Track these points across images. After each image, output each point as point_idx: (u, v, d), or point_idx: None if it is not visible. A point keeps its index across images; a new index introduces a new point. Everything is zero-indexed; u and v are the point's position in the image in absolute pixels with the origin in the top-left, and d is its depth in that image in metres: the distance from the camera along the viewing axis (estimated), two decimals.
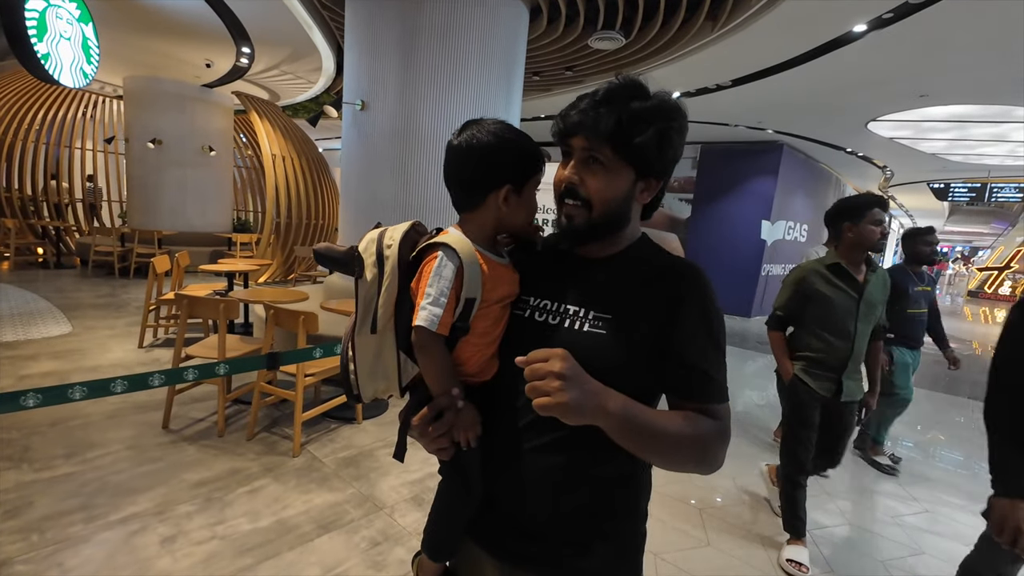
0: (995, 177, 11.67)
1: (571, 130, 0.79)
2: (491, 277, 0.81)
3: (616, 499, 0.82)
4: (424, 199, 4.35)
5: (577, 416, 0.67)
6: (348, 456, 2.85)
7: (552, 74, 6.73)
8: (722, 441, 0.77)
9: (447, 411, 0.80)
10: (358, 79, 4.52)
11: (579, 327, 0.79)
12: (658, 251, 0.86)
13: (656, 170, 0.81)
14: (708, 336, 0.78)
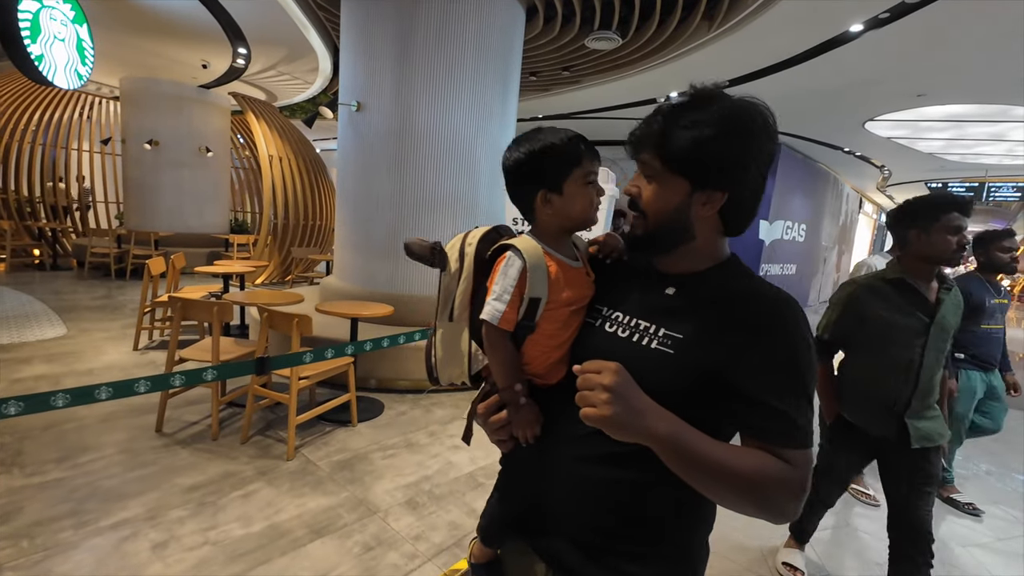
0: (992, 176, 11.67)
1: (632, 143, 0.81)
2: (559, 279, 0.83)
3: (667, 525, 0.79)
4: (420, 199, 4.33)
5: (620, 432, 0.67)
6: (343, 459, 2.83)
7: (549, 74, 6.71)
8: (791, 490, 0.70)
9: (509, 405, 0.82)
10: (354, 79, 4.51)
11: (647, 343, 0.78)
12: (748, 276, 0.80)
13: (714, 181, 0.75)
14: (789, 373, 0.72)
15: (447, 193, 4.37)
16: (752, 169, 0.76)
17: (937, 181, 12.51)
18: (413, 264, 4.42)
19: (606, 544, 0.80)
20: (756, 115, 0.75)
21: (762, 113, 0.76)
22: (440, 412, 3.62)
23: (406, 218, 4.35)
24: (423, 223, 4.36)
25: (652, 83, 6.73)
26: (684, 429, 0.69)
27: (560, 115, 9.20)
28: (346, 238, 4.73)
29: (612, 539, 0.80)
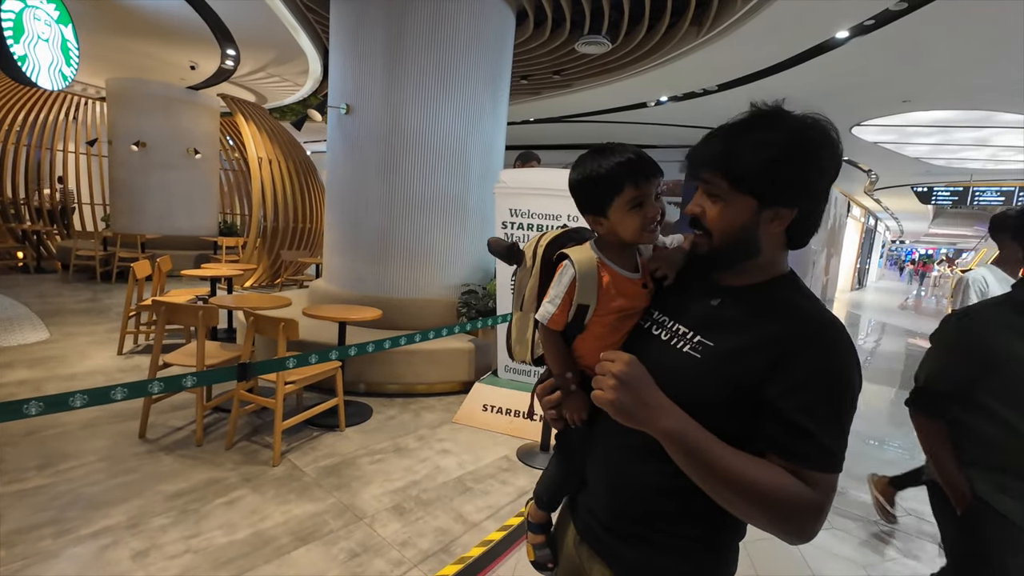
0: (977, 181, 11.85)
1: (693, 163, 0.82)
2: (610, 289, 0.89)
3: (691, 520, 0.81)
4: (410, 202, 4.31)
5: (624, 418, 0.73)
6: (330, 465, 2.81)
7: (540, 78, 6.74)
8: (810, 511, 0.69)
9: (561, 390, 0.92)
10: (343, 82, 4.49)
11: (680, 347, 0.81)
12: (800, 293, 0.80)
13: (784, 197, 0.76)
14: (824, 395, 0.71)
15: (437, 196, 4.36)
16: (820, 184, 0.77)
17: (923, 185, 12.69)
18: (402, 267, 4.40)
19: (633, 529, 0.84)
20: (822, 132, 0.76)
21: (827, 129, 0.76)
22: (430, 416, 3.60)
23: (396, 221, 4.33)
24: (413, 226, 4.35)
25: (642, 87, 6.77)
26: (694, 429, 0.71)
27: (551, 118, 9.23)
28: (335, 241, 4.70)
29: (638, 525, 0.84)
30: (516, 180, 3.55)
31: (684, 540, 0.81)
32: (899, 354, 8.01)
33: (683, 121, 8.58)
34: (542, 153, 4.54)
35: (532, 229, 3.56)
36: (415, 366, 3.95)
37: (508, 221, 3.61)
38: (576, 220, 3.45)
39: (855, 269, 20.48)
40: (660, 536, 0.82)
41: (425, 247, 4.40)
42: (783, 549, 2.36)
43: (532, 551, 1.07)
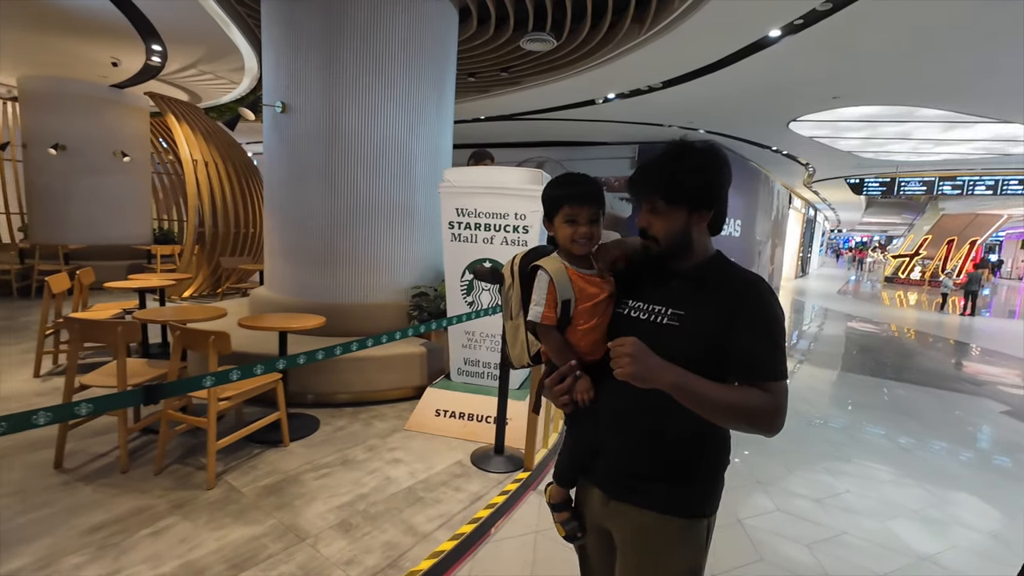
0: (902, 172, 12.68)
1: (635, 190, 1.09)
2: (578, 284, 1.12)
3: (698, 453, 1.06)
4: (355, 205, 4.16)
5: (641, 383, 0.95)
6: (271, 484, 2.66)
7: (488, 75, 6.67)
8: (773, 411, 0.98)
9: (568, 377, 1.09)
10: (277, 79, 4.28)
11: (659, 321, 1.06)
12: (727, 265, 1.10)
13: (704, 204, 1.06)
14: (766, 332, 1.00)
15: (383, 199, 4.23)
16: (725, 190, 1.09)
17: (855, 177, 13.46)
18: (349, 272, 4.24)
19: (654, 469, 1.06)
20: (720, 153, 1.06)
21: (722, 150, 1.07)
22: (381, 425, 3.48)
23: (340, 225, 4.17)
24: (359, 230, 4.20)
25: (590, 84, 6.82)
26: (689, 377, 0.97)
27: (502, 116, 9.19)
28: (276, 247, 4.48)
29: (658, 465, 1.06)
30: (461, 179, 3.48)
31: (689, 467, 1.06)
32: (840, 338, 8.45)
33: (631, 118, 8.73)
34: (496, 151, 4.48)
35: (480, 229, 3.50)
36: (365, 373, 3.82)
37: (455, 221, 3.53)
38: (523, 219, 3.41)
39: (798, 258, 21.55)
40: (674, 468, 1.06)
41: (372, 251, 4.26)
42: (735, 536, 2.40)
43: (561, 528, 1.24)
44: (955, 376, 6.35)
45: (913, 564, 2.39)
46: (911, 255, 20.54)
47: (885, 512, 2.85)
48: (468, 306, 3.61)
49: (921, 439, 4.03)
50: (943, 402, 5.14)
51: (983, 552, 2.53)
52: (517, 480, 2.82)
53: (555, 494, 1.25)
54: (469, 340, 3.66)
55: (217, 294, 7.28)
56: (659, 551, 1.07)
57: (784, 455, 3.49)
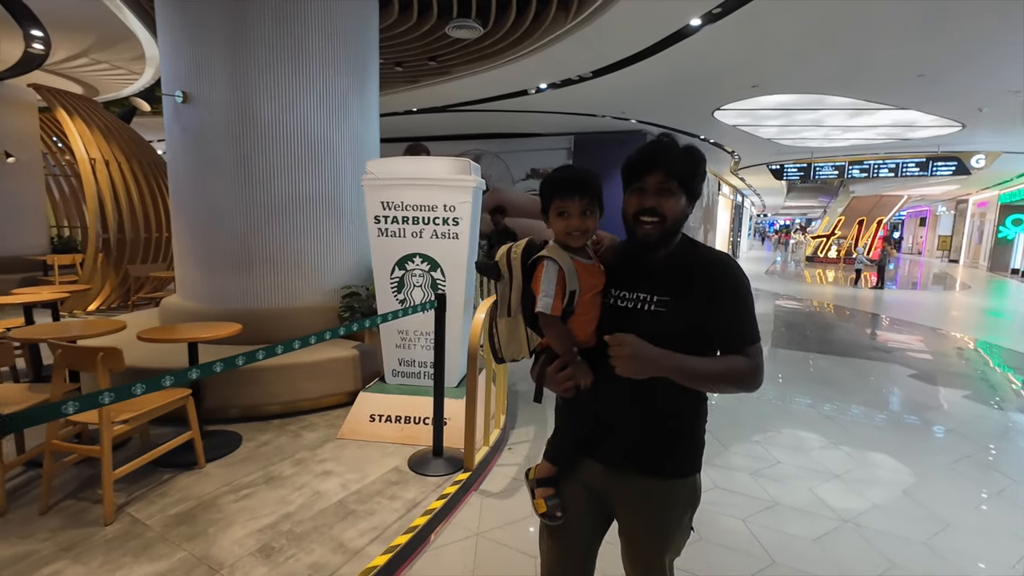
0: (817, 158, 13.57)
1: (648, 168, 1.12)
2: (583, 274, 1.16)
3: (685, 421, 1.19)
4: (274, 203, 3.87)
5: (643, 375, 1.05)
6: (182, 512, 2.40)
7: (416, 64, 6.45)
8: (755, 370, 1.11)
9: (570, 364, 1.16)
10: (176, 66, 3.90)
11: (646, 308, 1.14)
12: (698, 248, 1.20)
13: (695, 194, 1.17)
14: (740, 306, 1.13)
15: (305, 195, 3.96)
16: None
17: (776, 163, 14.28)
18: (270, 275, 3.96)
19: (655, 438, 1.18)
20: (699, 149, 1.16)
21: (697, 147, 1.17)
22: (311, 436, 3.26)
23: (257, 224, 3.87)
24: (278, 229, 3.91)
25: (522, 74, 6.76)
26: (683, 359, 1.07)
27: (435, 108, 8.96)
28: (187, 251, 4.11)
29: (647, 437, 1.18)
30: (386, 170, 3.30)
31: (681, 434, 1.19)
32: (769, 315, 8.92)
33: (566, 108, 8.76)
34: (432, 144, 4.31)
35: (408, 222, 3.34)
36: (293, 382, 3.57)
37: (381, 215, 3.35)
38: (452, 210, 3.29)
39: (729, 242, 22.70)
40: (668, 436, 1.18)
41: (295, 250, 3.98)
42: None
43: (543, 504, 1.26)
44: (869, 345, 6.86)
45: (838, 528, 2.50)
46: (828, 235, 22.14)
47: (813, 479, 2.98)
48: (399, 303, 3.45)
49: (842, 406, 4.29)
50: (859, 370, 5.51)
51: (899, 510, 2.69)
52: (457, 482, 2.71)
53: (543, 470, 1.29)
54: (403, 339, 3.50)
55: (128, 306, 6.64)
56: (662, 509, 1.20)
57: (722, 432, 3.60)
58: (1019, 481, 3.05)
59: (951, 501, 2.80)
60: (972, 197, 22.28)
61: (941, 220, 27.93)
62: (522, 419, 3.78)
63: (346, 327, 2.40)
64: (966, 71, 6.32)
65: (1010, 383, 5.31)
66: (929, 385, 5.03)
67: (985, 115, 8.40)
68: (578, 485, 1.26)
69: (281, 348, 1.89)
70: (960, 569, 2.21)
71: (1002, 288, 14.48)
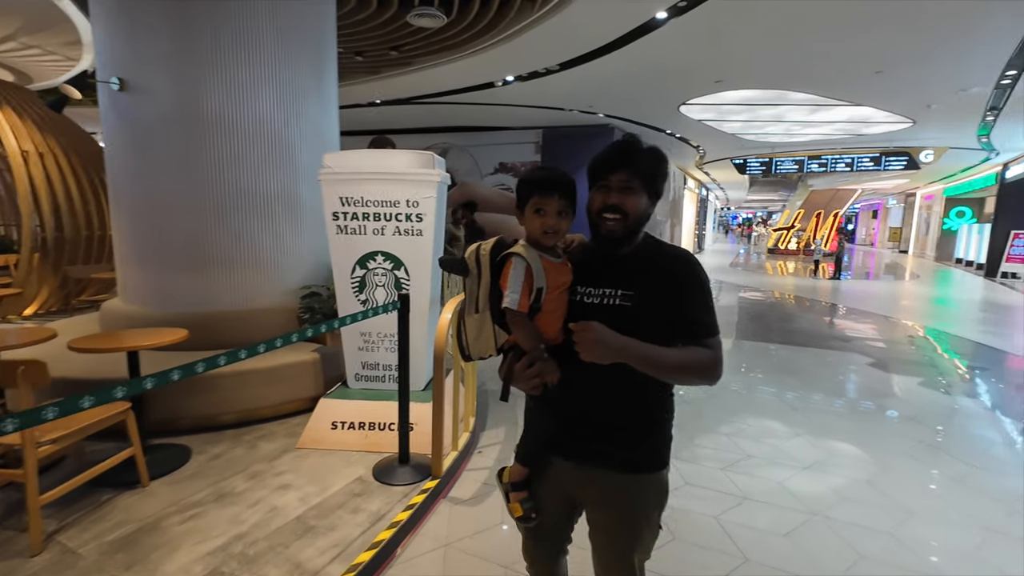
0: (778, 152, 13.93)
1: (613, 167, 1.15)
2: (551, 272, 1.16)
3: (652, 416, 1.21)
4: (222, 196, 3.63)
5: (606, 360, 1.06)
6: (121, 537, 2.20)
7: (377, 54, 6.21)
8: (715, 361, 1.13)
9: (537, 361, 1.14)
10: (112, 50, 3.60)
11: (612, 302, 1.16)
12: (660, 244, 1.23)
13: (658, 194, 1.21)
14: (701, 299, 1.16)
15: (259, 190, 3.73)
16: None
17: (739, 158, 14.58)
18: (223, 276, 3.72)
19: (617, 433, 1.19)
20: (663, 151, 1.19)
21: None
22: (268, 446, 3.08)
23: (207, 222, 3.62)
24: (231, 226, 3.68)
25: (488, 65, 6.62)
26: (647, 347, 1.08)
27: (399, 100, 8.72)
28: (129, 251, 3.82)
29: (620, 428, 1.19)
30: (344, 164, 3.12)
31: (650, 429, 1.21)
32: (734, 307, 9.10)
33: (533, 102, 8.66)
34: (397, 138, 4.12)
35: (369, 219, 3.17)
36: (249, 389, 3.36)
37: (340, 211, 3.17)
38: (415, 206, 3.14)
39: (695, 235, 23.15)
40: (636, 431, 1.20)
41: (249, 250, 3.75)
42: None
43: (519, 507, 1.29)
44: (830, 335, 7.06)
45: (807, 521, 2.51)
46: (788, 228, 22.85)
47: (781, 471, 3.00)
48: (361, 304, 3.29)
49: (806, 396, 4.37)
50: (821, 359, 5.66)
51: (865, 500, 2.73)
52: (424, 490, 2.59)
53: (516, 473, 1.31)
54: (366, 342, 3.34)
55: (69, 310, 6.20)
56: (631, 505, 1.22)
57: (689, 425, 3.60)
58: (973, 465, 3.15)
59: (912, 488, 2.86)
60: (920, 191, 23.41)
61: (892, 213, 29.27)
62: (492, 420, 3.69)
63: (299, 332, 2.24)
64: (919, 69, 6.54)
65: (957, 369, 5.55)
66: (886, 373, 5.19)
67: (934, 112, 8.76)
68: (551, 485, 1.28)
69: (224, 359, 1.72)
70: (925, 558, 2.24)
71: (947, 277, 15.26)
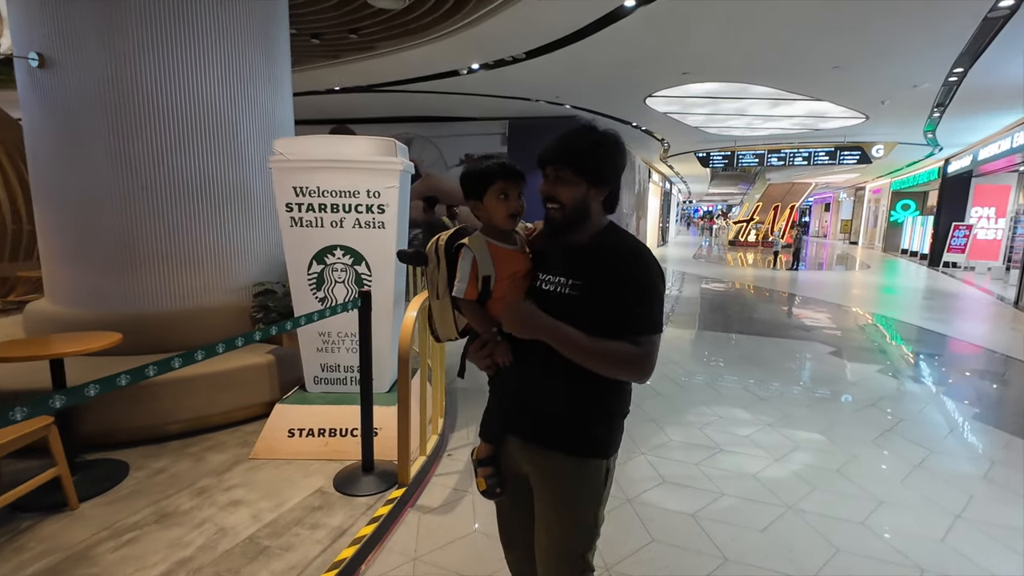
0: (740, 146, 14.23)
1: (545, 160, 1.18)
2: (500, 260, 1.23)
3: (597, 403, 1.21)
4: (160, 186, 3.32)
5: (524, 334, 1.14)
6: (45, 569, 1.95)
7: (335, 37, 5.89)
8: (641, 359, 1.11)
9: (489, 343, 1.25)
10: (29, 22, 3.22)
11: (562, 291, 1.18)
12: (617, 235, 1.21)
13: (601, 180, 1.18)
14: (638, 293, 1.12)
15: (204, 180, 3.44)
16: (619, 172, 1.21)
17: (703, 151, 14.83)
18: (164, 273, 3.42)
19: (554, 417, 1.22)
20: (618, 138, 1.18)
21: (619, 136, 1.18)
22: (218, 458, 2.84)
23: (143, 213, 3.31)
24: (171, 219, 3.37)
25: (453, 53, 6.39)
26: (567, 330, 1.11)
27: (360, 87, 8.37)
28: (55, 247, 3.46)
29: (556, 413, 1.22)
30: (297, 150, 2.88)
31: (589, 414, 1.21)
32: (696, 299, 9.23)
33: (499, 92, 8.48)
34: (359, 127, 3.89)
35: (326, 210, 2.95)
36: (197, 396, 3.10)
37: (294, 202, 2.94)
38: (376, 196, 2.94)
39: (659, 228, 23.52)
40: (575, 415, 1.20)
41: (195, 245, 3.46)
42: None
43: (483, 482, 1.33)
44: (791, 324, 7.24)
45: (783, 515, 2.48)
46: (748, 221, 23.52)
47: (755, 464, 2.99)
48: (319, 303, 3.07)
49: (772, 386, 4.41)
50: (783, 349, 5.77)
51: (836, 491, 2.74)
52: (390, 500, 2.43)
53: (482, 450, 1.36)
54: (325, 342, 3.13)
55: None
56: (565, 488, 1.23)
57: (659, 418, 3.56)
58: (933, 451, 3.24)
59: (880, 477, 2.90)
60: (869, 184, 24.53)
61: (843, 206, 30.59)
62: (462, 419, 3.55)
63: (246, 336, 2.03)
64: (874, 65, 6.72)
65: (907, 356, 5.77)
66: (844, 361, 5.34)
67: (887, 107, 9.08)
68: (508, 462, 1.34)
69: (153, 370, 1.51)
70: (897, 546, 2.25)
71: (894, 267, 16.04)
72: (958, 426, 3.69)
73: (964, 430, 3.64)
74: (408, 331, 2.48)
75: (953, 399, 4.26)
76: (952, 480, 2.88)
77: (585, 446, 1.21)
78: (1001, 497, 2.72)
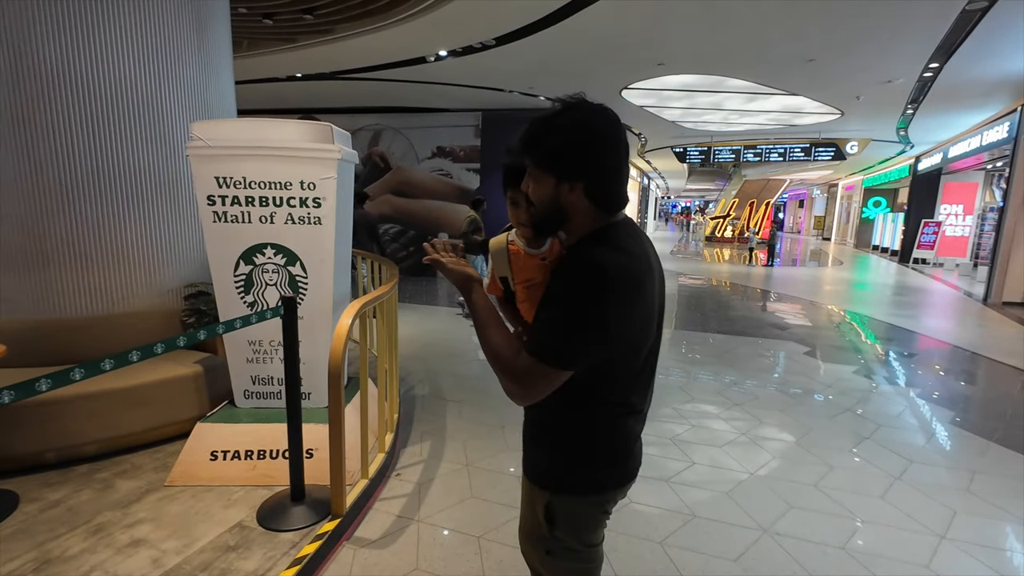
0: (716, 142, 14.17)
1: (513, 152, 1.10)
2: (517, 264, 1.15)
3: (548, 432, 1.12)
4: (70, 177, 2.92)
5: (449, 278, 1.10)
6: None
7: (289, 18, 5.48)
8: (512, 373, 0.99)
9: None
10: None
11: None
12: (594, 246, 0.99)
13: (572, 173, 0.98)
14: (555, 309, 0.97)
15: (121, 169, 3.05)
16: (605, 160, 0.98)
17: (680, 146, 14.72)
18: (79, 274, 3.03)
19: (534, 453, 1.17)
20: (599, 119, 0.98)
21: (605, 116, 0.98)
22: (128, 485, 2.49)
23: (50, 206, 2.91)
24: (87, 214, 2.99)
25: (418, 37, 6.04)
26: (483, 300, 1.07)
27: (323, 74, 7.93)
28: None
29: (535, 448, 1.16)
30: (219, 135, 2.53)
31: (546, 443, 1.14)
32: (672, 295, 9.09)
33: (468, 81, 8.15)
34: (324, 118, 3.54)
35: (254, 204, 2.62)
36: (104, 414, 2.71)
37: (216, 195, 2.59)
38: (311, 188, 2.62)
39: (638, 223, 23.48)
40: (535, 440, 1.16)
41: (112, 242, 3.08)
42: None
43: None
44: (766, 322, 7.13)
45: (758, 540, 2.27)
46: (724, 216, 23.64)
47: (728, 480, 2.77)
48: (248, 307, 2.74)
49: (745, 388, 4.23)
50: (757, 349, 5.62)
51: (815, 509, 2.54)
52: (320, 535, 2.13)
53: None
54: (255, 352, 2.80)
55: None
56: (526, 508, 1.20)
57: None
58: (912, 460, 3.08)
59: (860, 491, 2.72)
60: (842, 181, 24.90)
61: (816, 202, 31.07)
62: (418, 432, 3.26)
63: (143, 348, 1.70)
64: (849, 59, 6.61)
65: (881, 356, 5.68)
66: (820, 362, 5.21)
67: (861, 103, 9.03)
68: None
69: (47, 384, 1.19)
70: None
71: (866, 263, 16.24)
72: (936, 433, 3.56)
73: (942, 437, 3.50)
74: (340, 341, 2.17)
75: (929, 402, 4.15)
76: (933, 494, 2.71)
77: (532, 470, 1.17)
78: (983, 511, 2.57)
